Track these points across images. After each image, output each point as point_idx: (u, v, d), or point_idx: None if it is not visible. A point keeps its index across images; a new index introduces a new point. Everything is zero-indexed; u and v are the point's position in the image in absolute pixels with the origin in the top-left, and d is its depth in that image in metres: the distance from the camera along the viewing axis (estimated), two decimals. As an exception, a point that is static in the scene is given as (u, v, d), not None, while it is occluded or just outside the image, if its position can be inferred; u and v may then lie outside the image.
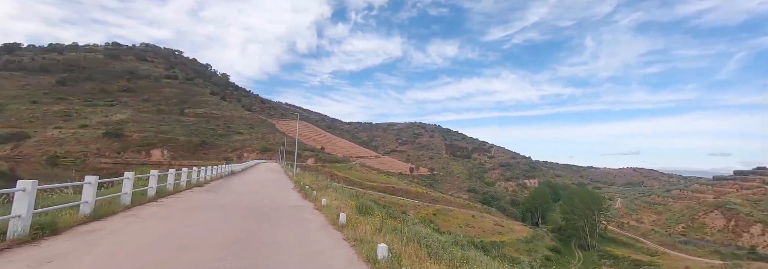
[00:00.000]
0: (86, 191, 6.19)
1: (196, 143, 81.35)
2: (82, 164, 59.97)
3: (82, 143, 70.57)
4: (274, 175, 26.36)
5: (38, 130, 75.23)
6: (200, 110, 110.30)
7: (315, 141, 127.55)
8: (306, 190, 13.88)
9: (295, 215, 7.93)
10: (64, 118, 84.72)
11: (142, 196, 9.00)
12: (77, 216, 5.77)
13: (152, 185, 9.57)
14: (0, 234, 4.27)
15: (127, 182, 7.95)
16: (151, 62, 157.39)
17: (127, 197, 7.85)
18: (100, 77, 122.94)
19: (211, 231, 5.69)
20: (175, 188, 11.67)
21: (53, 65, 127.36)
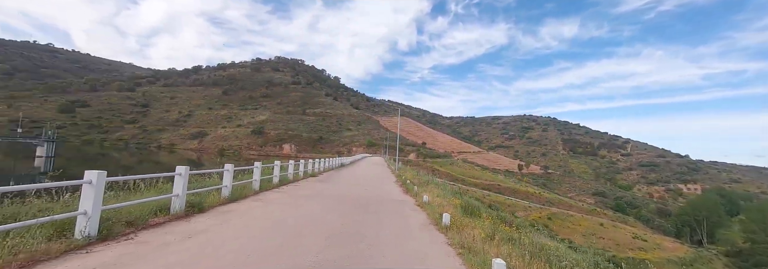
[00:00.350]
0: (226, 177, 7.45)
1: (315, 138, 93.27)
2: (238, 155, 76.20)
3: (238, 139, 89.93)
4: (378, 169, 27.66)
5: (212, 129, 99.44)
6: (318, 109, 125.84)
7: (416, 136, 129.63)
8: (407, 185, 13.83)
9: (397, 210, 7.79)
10: (227, 120, 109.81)
11: (268, 183, 10.45)
12: (219, 198, 6.97)
13: (276, 173, 11.03)
14: (165, 209, 5.42)
15: (256, 170, 9.31)
16: (282, 72, 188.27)
17: (256, 183, 9.20)
18: (249, 86, 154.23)
19: (318, 219, 6.00)
20: (294, 177, 13.27)
21: (220, 80, 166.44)
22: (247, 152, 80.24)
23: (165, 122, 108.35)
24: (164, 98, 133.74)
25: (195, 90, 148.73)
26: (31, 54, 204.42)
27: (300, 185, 11.73)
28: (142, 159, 66.49)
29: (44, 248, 3.28)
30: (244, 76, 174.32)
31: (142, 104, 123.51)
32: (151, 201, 5.16)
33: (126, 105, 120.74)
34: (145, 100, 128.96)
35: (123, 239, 4.02)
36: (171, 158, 66.14)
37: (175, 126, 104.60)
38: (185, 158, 72.89)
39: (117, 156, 67.72)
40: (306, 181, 13.21)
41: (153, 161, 63.71)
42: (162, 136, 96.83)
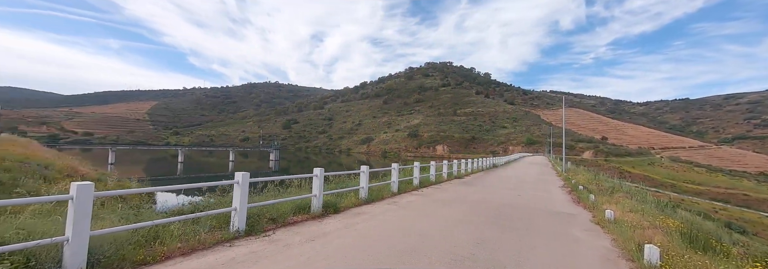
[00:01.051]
0: (362, 178, 7.66)
1: (467, 138, 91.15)
2: (398, 156, 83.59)
3: (397, 142, 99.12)
4: (538, 170, 23.54)
5: (377, 135, 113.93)
6: (468, 109, 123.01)
7: (592, 130, 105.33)
8: (579, 192, 10.75)
9: (559, 228, 5.81)
10: (387, 126, 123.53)
11: (408, 185, 10.31)
12: (355, 200, 7.19)
13: (415, 175, 10.79)
14: (307, 208, 5.89)
15: (394, 172, 9.29)
16: (432, 76, 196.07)
17: (394, 185, 9.16)
18: (403, 94, 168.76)
19: (448, 231, 5.08)
20: (437, 179, 12.72)
21: (381, 91, 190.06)
22: (404, 154, 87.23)
23: (343, 131, 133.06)
24: (342, 112, 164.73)
25: (362, 102, 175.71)
26: (267, 90, 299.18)
27: (442, 187, 11.04)
28: (330, 161, 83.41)
29: (203, 238, 3.91)
30: (398, 85, 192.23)
31: (328, 118, 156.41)
32: (293, 200, 5.72)
33: (319, 120, 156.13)
34: (330, 114, 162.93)
35: (262, 235, 4.44)
36: (347, 160, 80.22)
37: (350, 134, 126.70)
38: (357, 160, 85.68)
39: (315, 158, 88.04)
40: (449, 183, 12.40)
41: (336, 162, 78.93)
42: (341, 142, 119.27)
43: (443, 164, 14.18)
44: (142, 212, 4.37)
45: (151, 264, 3.23)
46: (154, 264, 3.25)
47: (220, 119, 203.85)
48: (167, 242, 3.61)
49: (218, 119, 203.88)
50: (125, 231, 3.41)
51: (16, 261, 2.59)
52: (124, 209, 4.81)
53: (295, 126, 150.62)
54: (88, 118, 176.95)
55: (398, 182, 9.26)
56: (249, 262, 3.42)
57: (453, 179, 14.12)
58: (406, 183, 10.31)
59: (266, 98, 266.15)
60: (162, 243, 3.55)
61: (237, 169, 38.54)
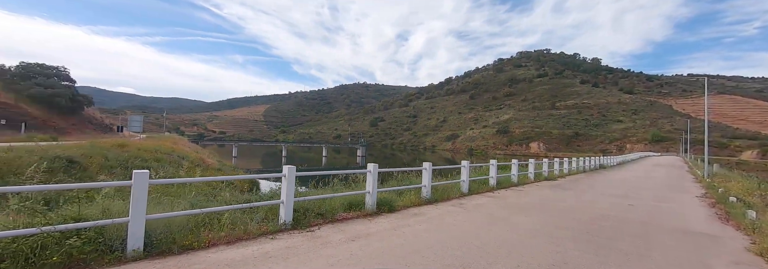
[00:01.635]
0: (424, 176, 7.12)
1: (568, 135, 79.80)
2: (485, 154, 78.72)
3: (485, 139, 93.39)
4: (665, 173, 18.66)
5: (462, 131, 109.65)
6: (570, 101, 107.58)
7: (756, 123, 79.41)
8: (729, 205, 7.94)
9: (691, 256, 4.11)
10: (474, 122, 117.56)
11: (482, 185, 9.26)
12: (416, 199, 6.70)
13: (492, 174, 9.63)
14: (360, 205, 5.70)
15: (464, 170, 8.43)
16: (525, 67, 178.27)
17: (464, 185, 8.30)
18: (492, 88, 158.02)
19: (516, 247, 4.17)
20: (520, 180, 11.15)
21: (466, 86, 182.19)
22: (493, 152, 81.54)
23: (427, 128, 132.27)
24: (426, 109, 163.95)
25: (447, 99, 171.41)
26: (357, 90, 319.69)
27: (524, 190, 9.59)
28: (414, 157, 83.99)
29: (250, 228, 4.05)
30: (486, 79, 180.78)
31: (413, 115, 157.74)
32: (345, 196, 5.60)
33: (403, 117, 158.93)
34: (414, 112, 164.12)
35: (306, 230, 4.39)
36: (431, 157, 79.32)
37: (434, 131, 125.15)
38: (442, 157, 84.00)
39: (399, 155, 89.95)
40: (535, 185, 10.73)
41: (420, 159, 78.93)
42: (426, 139, 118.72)
43: (529, 162, 12.41)
44: (201, 200, 4.80)
45: (195, 249, 3.45)
46: (199, 249, 3.45)
47: (317, 118, 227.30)
48: (216, 230, 3.84)
49: (316, 118, 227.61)
50: (183, 217, 3.75)
51: (89, 237, 3.01)
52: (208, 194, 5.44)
53: (381, 124, 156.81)
54: (222, 120, 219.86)
55: (468, 181, 8.37)
56: (279, 258, 3.34)
57: (542, 180, 12.22)
58: (480, 183, 9.29)
59: (356, 98, 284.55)
60: (210, 231, 3.79)
61: (329, 163, 42.81)
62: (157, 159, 14.62)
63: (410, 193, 6.88)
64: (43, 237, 2.77)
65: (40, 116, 22.96)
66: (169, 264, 3.08)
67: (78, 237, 2.92)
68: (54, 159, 9.53)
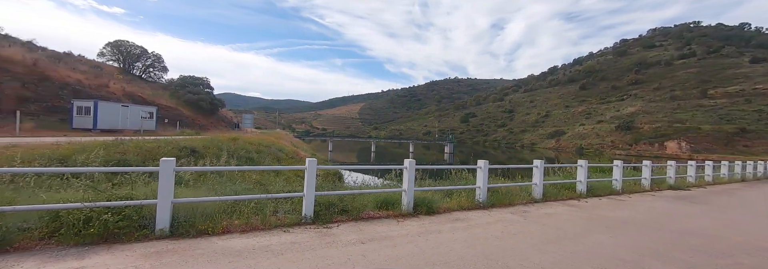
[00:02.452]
0: (479, 176, 6.16)
1: (728, 132, 60.79)
2: (600, 154, 66.77)
3: (600, 136, 79.19)
4: None
5: (569, 128, 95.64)
6: (731, 88, 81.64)
7: None
8: None
9: None
10: (585, 116, 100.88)
11: (564, 190, 7.57)
12: (468, 202, 5.84)
13: (580, 178, 7.79)
14: (396, 204, 5.24)
15: (537, 172, 7.01)
16: (660, 47, 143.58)
17: (537, 188, 6.91)
18: (610, 75, 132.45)
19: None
20: (627, 187, 8.75)
21: (576, 75, 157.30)
22: (610, 152, 68.39)
23: (526, 123, 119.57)
24: (525, 103, 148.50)
25: (551, 91, 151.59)
26: (447, 86, 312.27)
27: (627, 199, 7.46)
28: (510, 156, 77.33)
29: (269, 219, 4.11)
30: (603, 65, 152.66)
31: (509, 110, 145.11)
32: (377, 193, 5.24)
33: (498, 112, 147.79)
34: (510, 106, 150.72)
35: (324, 226, 4.22)
36: (530, 156, 71.51)
37: (534, 127, 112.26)
38: (544, 156, 75.15)
39: (493, 153, 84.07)
40: (649, 195, 8.26)
41: (516, 157, 72.03)
42: (524, 136, 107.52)
43: (644, 165, 9.68)
44: (227, 187, 5.11)
45: (210, 235, 3.64)
46: (212, 235, 3.64)
47: (408, 115, 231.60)
48: (234, 218, 4.00)
49: (406, 115, 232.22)
50: (211, 203, 4.03)
51: (127, 215, 3.46)
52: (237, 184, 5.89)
53: (472, 120, 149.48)
54: (324, 118, 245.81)
55: (542, 185, 6.94)
56: (274, 253, 3.23)
57: (664, 189, 9.36)
58: (562, 188, 7.63)
59: (446, 94, 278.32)
60: (230, 218, 3.97)
61: (416, 159, 43.32)
62: (258, 151, 17.00)
63: (461, 195, 6.07)
64: (88, 212, 3.28)
65: (190, 116, 30.01)
66: (182, 245, 3.30)
67: (116, 214, 3.37)
68: (181, 149, 11.95)
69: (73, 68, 22.83)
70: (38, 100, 17.68)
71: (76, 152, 8.18)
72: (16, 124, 14.13)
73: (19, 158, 6.03)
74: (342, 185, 5.92)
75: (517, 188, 6.92)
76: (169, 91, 32.92)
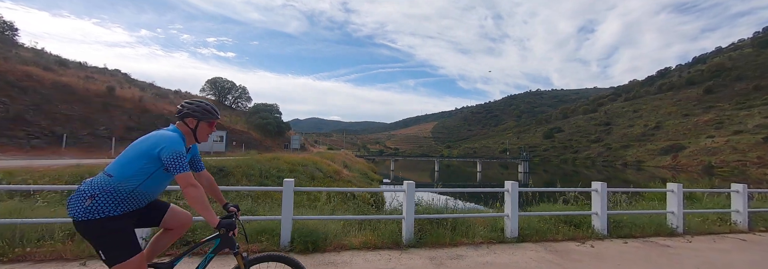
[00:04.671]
0: (594, 200, 4.64)
1: None
2: (742, 173, 51.42)
3: (739, 151, 61.35)
4: None
5: (691, 141, 77.04)
6: None
7: None
8: None
9: None
10: (715, 126, 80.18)
11: (712, 223, 5.22)
12: (578, 232, 4.64)
13: (738, 207, 5.42)
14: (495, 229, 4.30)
15: (673, 196, 5.09)
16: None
17: (675, 218, 5.04)
18: (751, 73, 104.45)
19: None
20: None
21: (698, 77, 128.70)
22: (757, 171, 51.91)
23: (629, 137, 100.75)
24: (626, 113, 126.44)
25: (661, 97, 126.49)
26: (527, 99, 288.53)
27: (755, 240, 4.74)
28: (609, 176, 65.26)
29: (375, 241, 3.83)
30: (739, 61, 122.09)
31: (605, 123, 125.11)
32: (481, 217, 4.52)
33: (590, 126, 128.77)
34: (606, 118, 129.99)
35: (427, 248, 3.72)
36: (638, 177, 58.82)
37: (640, 141, 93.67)
38: (656, 177, 61.99)
39: (587, 173, 72.11)
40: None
41: (620, 178, 60.17)
42: (627, 152, 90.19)
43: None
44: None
45: (322, 251, 3.52)
46: (325, 252, 3.52)
47: (483, 132, 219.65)
48: (350, 235, 3.93)
49: (482, 132, 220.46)
50: (320, 220, 3.98)
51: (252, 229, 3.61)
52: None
53: (558, 135, 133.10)
54: (397, 138, 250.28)
55: (683, 214, 5.03)
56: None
57: None
58: (712, 219, 5.31)
59: (526, 108, 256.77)
60: (336, 237, 3.80)
61: (485, 178, 39.80)
62: (291, 170, 17.39)
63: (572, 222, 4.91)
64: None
65: (258, 138, 33.54)
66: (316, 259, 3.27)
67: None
68: (210, 168, 12.76)
69: (171, 102, 27.94)
70: (140, 128, 21.69)
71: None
72: (111, 148, 17.35)
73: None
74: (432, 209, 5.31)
75: (646, 217, 5.19)
76: (244, 117, 37.61)
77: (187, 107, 1.87)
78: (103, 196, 1.62)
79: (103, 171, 1.71)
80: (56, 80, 19.88)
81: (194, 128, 1.87)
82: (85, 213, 1.59)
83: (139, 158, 1.67)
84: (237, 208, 2.06)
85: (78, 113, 19.42)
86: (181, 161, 1.67)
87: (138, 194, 1.70)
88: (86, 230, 1.62)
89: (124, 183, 1.65)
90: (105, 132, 19.95)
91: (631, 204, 5.94)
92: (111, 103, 21.71)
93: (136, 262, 1.63)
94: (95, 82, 23.38)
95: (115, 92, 22.76)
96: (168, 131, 1.80)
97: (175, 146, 1.69)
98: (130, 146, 1.73)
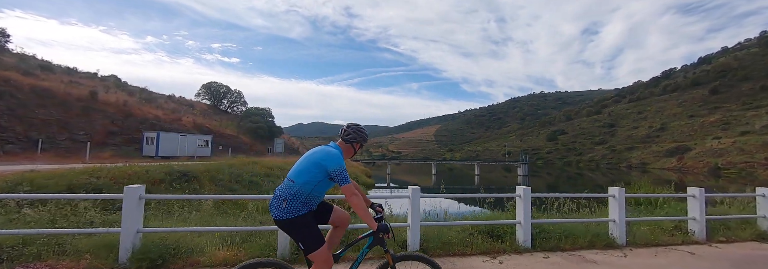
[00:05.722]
0: (612, 206, 4.04)
1: None
2: (747, 176, 49.93)
3: (746, 152, 59.68)
4: None
5: (697, 142, 75.32)
6: None
7: None
8: None
9: None
10: (721, 127, 78.39)
11: (737, 230, 4.60)
12: (585, 240, 4.10)
13: (765, 213, 4.71)
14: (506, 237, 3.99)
15: (695, 202, 5.55)
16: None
17: (698, 225, 4.41)
18: (758, 72, 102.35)
19: None
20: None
21: (703, 77, 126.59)
22: (765, 172, 50.34)
23: (633, 139, 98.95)
24: (630, 115, 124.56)
25: (666, 98, 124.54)
26: (531, 102, 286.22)
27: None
28: (614, 178, 63.79)
29: None
30: (746, 61, 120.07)
31: (609, 125, 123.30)
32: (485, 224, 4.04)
33: (594, 128, 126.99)
34: (611, 120, 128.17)
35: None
36: (643, 179, 57.19)
37: (645, 143, 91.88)
38: (660, 180, 60.48)
39: (591, 176, 70.61)
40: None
41: (624, 181, 58.66)
42: (631, 155, 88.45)
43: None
44: None
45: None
46: None
47: (486, 135, 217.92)
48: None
49: (485, 135, 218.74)
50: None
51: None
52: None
53: (561, 137, 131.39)
54: (400, 141, 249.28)
55: (706, 220, 4.46)
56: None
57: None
58: (736, 226, 4.71)
59: (530, 111, 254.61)
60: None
61: (483, 181, 38.87)
62: (268, 174, 16.90)
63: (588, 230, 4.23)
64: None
65: (248, 142, 33.29)
66: None
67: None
68: (173, 173, 12.25)
69: (159, 106, 27.80)
70: (122, 133, 21.44)
71: (47, 178, 8.64)
72: (86, 153, 17.03)
73: None
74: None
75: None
76: (236, 121, 37.45)
77: (355, 134, 2.31)
78: (292, 199, 2.01)
79: (286, 178, 2.10)
80: (36, 85, 19.75)
81: (356, 149, 2.33)
82: (284, 214, 1.99)
83: (311, 168, 2.03)
84: (381, 208, 2.40)
85: (56, 118, 19.23)
86: (344, 174, 1.99)
87: (312, 197, 2.08)
88: (288, 226, 2.01)
89: (303, 188, 2.02)
90: (84, 137, 19.71)
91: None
92: (92, 107, 21.54)
93: (325, 250, 2.01)
94: (79, 86, 23.27)
95: (97, 96, 22.60)
96: (331, 148, 2.14)
97: (340, 161, 2.03)
98: (304, 157, 2.13)
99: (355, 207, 1.97)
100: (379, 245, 2.16)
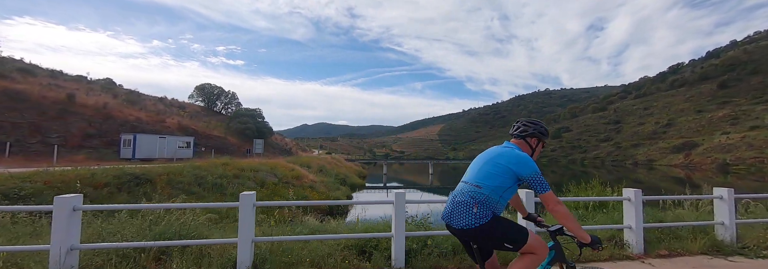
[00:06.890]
0: (627, 211, 3.41)
1: None
2: (757, 171, 48.16)
3: (755, 147, 57.65)
4: None
5: (705, 138, 73.20)
6: None
7: None
8: None
9: None
10: (730, 122, 76.07)
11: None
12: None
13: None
14: None
15: (721, 204, 4.50)
16: None
17: (727, 230, 3.73)
18: (766, 66, 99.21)
19: None
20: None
21: (711, 71, 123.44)
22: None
23: (639, 136, 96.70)
24: (637, 111, 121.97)
25: (673, 94, 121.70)
26: (536, 99, 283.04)
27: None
28: (620, 176, 62.12)
29: None
30: (754, 54, 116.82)
31: (614, 121, 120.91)
32: None
33: (599, 124, 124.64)
34: (616, 116, 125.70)
35: None
36: (650, 176, 55.72)
37: (651, 139, 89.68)
38: (666, 177, 59.19)
39: (596, 173, 68.88)
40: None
41: (631, 178, 57.00)
42: (637, 151, 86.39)
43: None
44: None
45: None
46: None
47: (491, 133, 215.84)
48: None
49: (489, 134, 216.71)
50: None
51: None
52: None
53: (566, 135, 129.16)
54: (404, 141, 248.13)
55: (736, 225, 3.77)
56: None
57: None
58: None
59: (535, 108, 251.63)
60: None
61: None
62: (236, 176, 16.25)
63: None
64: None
65: (236, 143, 32.84)
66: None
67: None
68: (123, 176, 11.64)
69: (143, 108, 27.47)
70: (100, 135, 21.05)
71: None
72: (53, 157, 16.58)
73: None
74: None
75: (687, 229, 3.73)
76: (224, 123, 37.05)
77: (533, 127, 2.03)
78: (481, 205, 1.80)
79: (466, 183, 1.89)
80: (7, 88, 19.46)
81: (535, 147, 2.01)
82: (477, 220, 1.77)
83: (501, 173, 1.81)
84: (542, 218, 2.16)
85: (28, 121, 18.90)
86: (542, 180, 1.75)
87: (500, 205, 1.87)
88: (487, 231, 1.78)
89: (492, 193, 1.81)
90: (57, 140, 19.35)
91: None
92: (69, 110, 21.21)
93: (534, 235, 1.80)
94: (57, 89, 23.00)
95: (75, 99, 22.29)
96: (518, 150, 1.89)
97: (533, 165, 1.79)
98: (484, 160, 1.91)
99: (562, 218, 1.73)
100: (560, 261, 1.91)
